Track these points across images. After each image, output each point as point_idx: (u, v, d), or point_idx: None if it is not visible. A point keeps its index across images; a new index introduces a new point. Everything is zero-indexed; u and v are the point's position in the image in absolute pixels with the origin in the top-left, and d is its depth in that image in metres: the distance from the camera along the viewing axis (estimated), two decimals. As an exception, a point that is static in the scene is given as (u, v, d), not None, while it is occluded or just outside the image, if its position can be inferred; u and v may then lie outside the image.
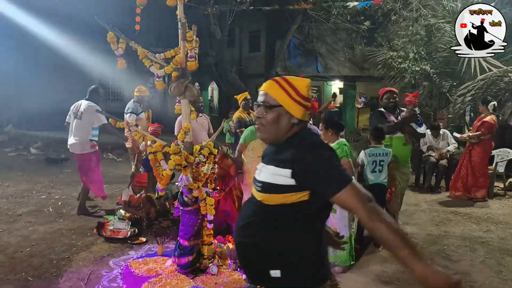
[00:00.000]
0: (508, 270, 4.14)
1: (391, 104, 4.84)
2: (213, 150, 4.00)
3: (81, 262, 4.17)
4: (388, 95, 4.85)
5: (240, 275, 3.94)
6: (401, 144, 4.74)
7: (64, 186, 7.54)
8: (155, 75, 3.79)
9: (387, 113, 4.84)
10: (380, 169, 4.51)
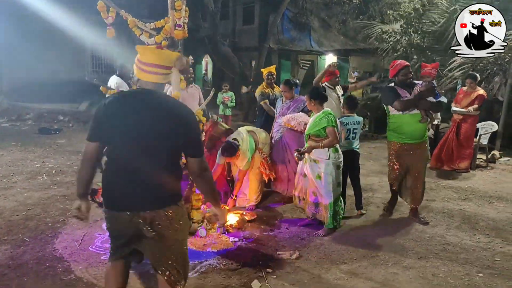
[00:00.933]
0: (480, 233, 4.38)
1: (408, 81, 4.45)
2: (201, 118, 4.13)
3: (75, 225, 4.35)
4: (405, 71, 4.42)
5: (227, 238, 4.15)
6: (416, 122, 4.37)
7: (58, 155, 7.66)
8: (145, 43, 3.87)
9: (400, 89, 4.43)
10: (354, 137, 4.80)
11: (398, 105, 4.36)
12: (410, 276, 3.44)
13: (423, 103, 4.34)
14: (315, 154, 4.29)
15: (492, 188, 6.06)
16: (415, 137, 4.43)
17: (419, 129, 4.42)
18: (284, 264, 3.64)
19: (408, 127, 4.42)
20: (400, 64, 4.50)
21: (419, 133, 4.44)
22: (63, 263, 3.52)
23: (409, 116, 4.38)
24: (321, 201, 4.31)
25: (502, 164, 7.60)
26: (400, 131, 4.48)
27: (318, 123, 4.24)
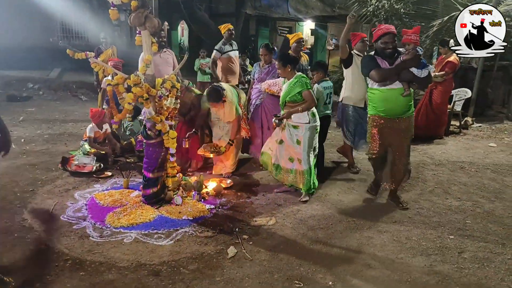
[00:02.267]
0: (452, 197, 4.48)
1: (389, 51, 3.82)
2: (175, 84, 3.99)
3: (46, 195, 4.23)
4: (386, 39, 3.79)
5: (203, 205, 4.10)
6: (398, 96, 3.83)
7: (27, 124, 7.38)
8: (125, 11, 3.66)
9: (379, 58, 3.86)
10: (329, 101, 4.86)
11: (375, 75, 3.79)
12: (384, 240, 3.49)
13: (405, 74, 3.78)
14: (295, 119, 4.23)
15: (464, 154, 6.18)
16: (397, 113, 3.92)
17: (402, 105, 3.88)
18: (260, 230, 3.63)
19: (389, 103, 3.89)
20: (382, 29, 3.87)
21: (402, 109, 3.90)
22: (33, 233, 3.42)
23: (390, 91, 3.85)
24: (297, 168, 4.29)
25: (474, 130, 7.75)
26: (381, 107, 3.94)
27: (293, 88, 4.17)
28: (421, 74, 3.76)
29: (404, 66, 3.78)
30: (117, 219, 3.70)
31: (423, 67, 3.77)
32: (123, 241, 3.35)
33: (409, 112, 3.97)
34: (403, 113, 3.93)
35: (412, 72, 3.77)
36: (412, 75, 3.77)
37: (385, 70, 3.80)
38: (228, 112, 4.82)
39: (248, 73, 10.65)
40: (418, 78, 3.76)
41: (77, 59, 3.78)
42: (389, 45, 3.81)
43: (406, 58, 3.78)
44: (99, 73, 6.62)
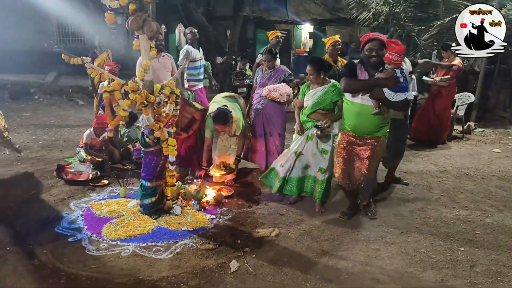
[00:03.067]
0: (460, 206, 4.36)
1: (373, 59, 3.42)
2: (174, 90, 3.85)
3: (41, 205, 4.07)
4: (371, 45, 3.41)
5: (203, 215, 3.96)
6: (368, 114, 3.51)
7: (23, 129, 7.23)
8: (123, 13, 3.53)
9: (361, 67, 3.52)
10: None
11: (342, 84, 3.49)
12: (392, 252, 3.36)
13: (376, 92, 3.41)
14: (327, 128, 4.03)
15: (469, 160, 6.07)
16: (365, 132, 3.60)
17: (371, 123, 3.54)
18: (263, 242, 3.50)
19: (358, 118, 3.57)
20: (368, 36, 3.51)
21: (370, 128, 3.57)
22: (25, 247, 3.27)
23: (361, 106, 3.51)
24: (317, 177, 4.13)
25: (477, 135, 7.64)
26: (349, 120, 3.63)
27: (328, 97, 3.97)
28: (392, 97, 3.36)
29: (375, 83, 3.39)
30: (114, 230, 3.55)
31: (400, 91, 3.36)
32: (120, 254, 3.21)
33: (378, 133, 3.60)
34: (371, 132, 3.59)
35: (383, 93, 3.37)
36: (382, 96, 3.38)
37: (354, 82, 3.48)
38: (234, 130, 4.67)
39: (247, 77, 10.51)
40: (389, 100, 3.37)
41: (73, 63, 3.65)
42: (373, 52, 3.41)
43: (380, 76, 3.39)
44: (95, 78, 6.48)
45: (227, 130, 4.70)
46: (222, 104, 4.75)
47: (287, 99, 4.84)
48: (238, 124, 4.68)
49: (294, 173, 4.21)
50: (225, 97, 5.12)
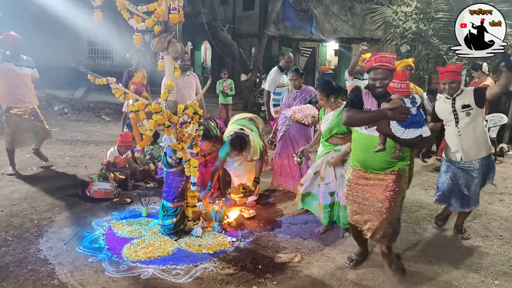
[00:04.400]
0: (493, 234, 4.13)
1: (378, 91, 2.96)
2: (198, 110, 3.84)
3: (63, 222, 4.09)
4: (374, 75, 2.96)
5: (224, 238, 3.89)
6: (370, 146, 3.01)
7: (50, 145, 7.35)
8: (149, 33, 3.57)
9: (368, 94, 3.04)
10: None
11: (344, 116, 3.02)
12: (421, 283, 3.19)
13: (382, 126, 2.87)
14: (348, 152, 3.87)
15: (502, 184, 5.79)
16: (374, 168, 3.09)
17: (381, 159, 3.02)
18: (285, 268, 3.39)
19: (365, 151, 3.08)
20: (371, 61, 2.99)
21: (380, 164, 3.05)
22: (47, 266, 3.26)
23: (368, 137, 3.03)
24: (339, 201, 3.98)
25: (510, 158, 7.33)
26: (357, 154, 3.19)
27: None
28: (402, 134, 2.79)
29: (382, 115, 2.84)
30: (135, 251, 3.52)
31: (411, 126, 2.79)
32: (140, 277, 3.16)
33: (390, 168, 3.05)
34: (382, 169, 3.06)
35: (390, 128, 2.83)
36: (389, 131, 2.83)
37: (356, 114, 2.96)
38: (252, 154, 4.60)
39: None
40: (397, 138, 2.82)
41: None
42: (377, 83, 2.94)
43: (385, 106, 2.84)
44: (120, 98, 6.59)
45: (244, 155, 4.62)
46: (239, 126, 4.70)
47: (312, 120, 4.74)
48: (256, 148, 4.59)
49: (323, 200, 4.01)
50: (244, 119, 5.08)
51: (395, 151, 2.95)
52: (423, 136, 2.79)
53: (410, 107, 2.78)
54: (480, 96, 3.69)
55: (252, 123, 5.06)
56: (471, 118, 3.71)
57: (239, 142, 4.42)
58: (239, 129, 4.59)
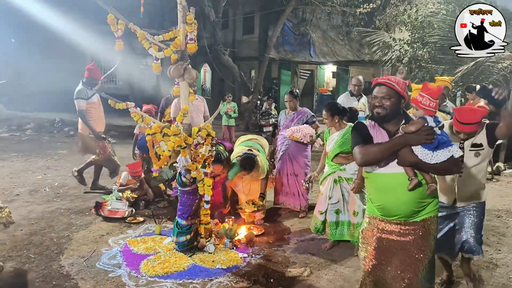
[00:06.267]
0: (492, 249, 4.32)
1: (376, 111, 2.49)
2: (210, 132, 4.08)
3: (81, 240, 4.27)
4: (376, 92, 2.50)
5: (236, 254, 4.07)
6: (400, 186, 2.42)
7: (60, 167, 7.57)
8: (153, 57, 3.82)
9: (374, 126, 2.55)
10: None
11: (357, 154, 2.47)
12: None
13: (405, 154, 2.38)
14: (350, 172, 4.10)
15: (499, 202, 6.01)
16: (400, 214, 2.46)
17: (407, 200, 2.43)
18: (295, 282, 3.57)
19: (386, 196, 2.50)
20: (376, 80, 2.57)
21: (407, 207, 2.44)
22: (70, 281, 3.43)
23: (387, 176, 2.48)
24: (352, 221, 4.14)
25: (507, 177, 7.57)
26: (376, 201, 2.56)
27: (349, 141, 3.86)
28: (431, 158, 2.34)
29: (404, 142, 2.37)
30: (152, 267, 3.70)
31: (440, 147, 2.36)
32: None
33: (421, 214, 2.46)
34: (411, 214, 2.46)
35: (415, 154, 2.36)
36: (415, 158, 2.36)
37: (371, 148, 2.43)
38: (259, 173, 4.86)
39: (272, 116, 10.79)
40: (427, 164, 2.35)
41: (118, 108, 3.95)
42: (376, 102, 2.48)
43: (407, 130, 2.39)
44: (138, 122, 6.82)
45: (252, 175, 4.86)
46: (247, 147, 4.96)
47: (310, 139, 5.03)
48: (263, 168, 4.86)
49: (329, 218, 4.20)
50: (250, 140, 5.35)
51: (428, 185, 2.42)
52: (454, 157, 2.37)
53: (434, 126, 2.39)
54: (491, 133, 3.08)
55: (257, 143, 5.33)
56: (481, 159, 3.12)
57: (249, 163, 4.67)
58: (247, 150, 4.84)
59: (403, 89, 2.46)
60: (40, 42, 13.56)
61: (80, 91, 5.78)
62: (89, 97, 5.82)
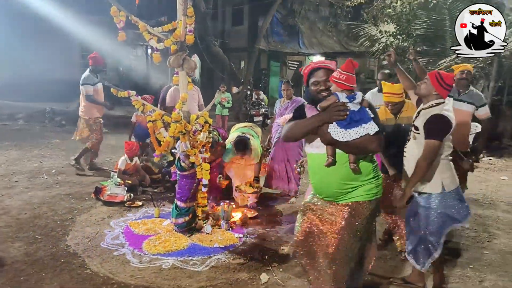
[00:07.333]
0: (468, 229, 4.65)
1: (323, 94, 2.48)
2: (208, 119, 4.31)
3: (84, 223, 4.48)
4: (316, 77, 2.51)
5: (232, 234, 4.33)
6: (319, 164, 2.47)
7: (55, 155, 7.71)
8: (143, 49, 4.02)
9: (311, 107, 2.57)
10: None
11: (283, 130, 2.59)
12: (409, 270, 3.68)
13: (322, 133, 2.38)
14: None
15: (477, 187, 6.38)
16: (328, 194, 2.52)
17: (332, 180, 2.46)
18: (288, 258, 3.84)
19: (315, 174, 2.57)
20: (310, 66, 2.61)
21: (333, 188, 2.48)
22: (77, 258, 3.65)
23: (316, 156, 2.49)
24: None
25: (485, 164, 7.97)
26: (311, 178, 2.66)
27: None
28: (343, 136, 2.31)
29: (319, 119, 2.38)
30: (154, 246, 3.94)
31: (353, 124, 2.32)
32: (162, 267, 3.58)
33: (349, 196, 2.46)
34: (336, 195, 2.48)
35: (329, 132, 2.35)
36: (329, 136, 2.34)
37: (293, 125, 2.50)
38: (253, 157, 5.12)
39: (262, 106, 11.02)
40: (339, 142, 2.33)
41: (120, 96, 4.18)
42: (319, 85, 2.49)
43: (320, 106, 2.42)
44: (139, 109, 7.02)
45: (246, 158, 5.12)
46: (241, 133, 5.23)
47: None
48: (257, 151, 5.13)
49: None
50: (244, 127, 5.61)
51: (349, 163, 2.39)
52: (371, 135, 2.32)
53: (346, 101, 2.35)
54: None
55: (251, 129, 5.59)
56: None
57: (242, 145, 4.94)
58: (241, 134, 5.10)
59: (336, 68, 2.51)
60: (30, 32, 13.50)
61: (87, 77, 6.28)
62: (95, 83, 6.31)
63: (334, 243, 2.46)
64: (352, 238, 2.47)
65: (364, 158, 2.44)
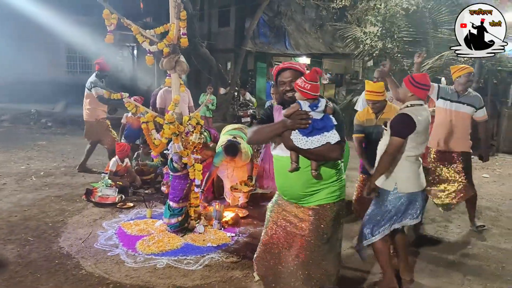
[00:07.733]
0: (453, 225, 4.82)
1: (289, 94, 2.52)
2: (200, 121, 4.37)
3: (76, 224, 4.49)
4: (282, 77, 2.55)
5: (224, 233, 4.40)
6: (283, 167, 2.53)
7: (42, 157, 7.66)
8: (130, 50, 4.07)
9: (279, 109, 2.66)
10: None
11: (248, 133, 2.67)
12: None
13: (284, 139, 2.43)
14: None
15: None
16: (292, 196, 2.59)
17: (296, 183, 2.52)
18: (280, 256, 3.92)
19: (279, 176, 2.65)
20: (278, 67, 2.63)
21: (296, 190, 2.54)
22: (72, 259, 3.68)
23: (280, 159, 2.57)
24: None
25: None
26: (276, 180, 2.72)
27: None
28: (304, 143, 2.37)
29: (282, 125, 2.42)
30: (147, 246, 3.98)
31: (315, 132, 2.36)
32: (156, 266, 3.63)
33: (313, 199, 2.52)
34: (299, 197, 2.55)
35: (291, 139, 2.39)
36: (292, 143, 2.39)
37: (258, 128, 2.57)
38: (243, 159, 5.18)
39: (250, 107, 11.11)
40: (300, 149, 2.39)
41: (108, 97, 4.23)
42: (286, 86, 2.51)
43: (284, 114, 2.44)
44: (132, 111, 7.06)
45: (236, 160, 5.19)
46: (231, 136, 5.28)
47: None
48: (247, 153, 5.20)
49: None
50: (234, 129, 5.68)
51: (311, 170, 2.44)
52: (331, 144, 2.36)
53: (309, 110, 2.38)
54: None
55: (241, 131, 5.66)
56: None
57: (232, 149, 4.99)
58: (232, 138, 5.16)
59: (304, 69, 2.53)
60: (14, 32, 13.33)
61: (95, 81, 6.45)
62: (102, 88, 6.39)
63: (302, 247, 2.52)
64: (320, 241, 2.52)
65: (326, 164, 2.48)
